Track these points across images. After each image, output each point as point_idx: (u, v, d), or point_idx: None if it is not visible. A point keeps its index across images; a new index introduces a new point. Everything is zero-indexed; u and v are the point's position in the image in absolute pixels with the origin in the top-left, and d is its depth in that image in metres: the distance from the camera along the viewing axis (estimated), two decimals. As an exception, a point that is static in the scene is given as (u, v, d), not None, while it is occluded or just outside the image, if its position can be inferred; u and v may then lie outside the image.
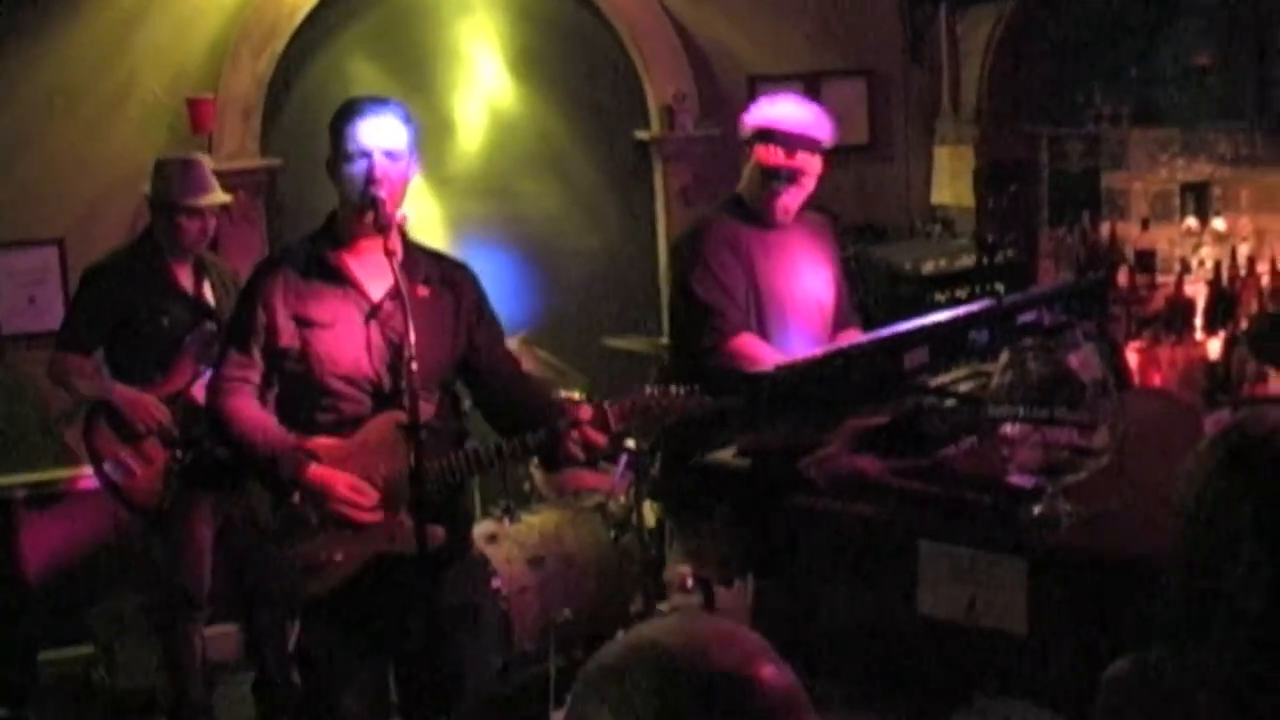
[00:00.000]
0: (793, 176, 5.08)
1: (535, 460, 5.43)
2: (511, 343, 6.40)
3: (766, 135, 5.08)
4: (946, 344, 4.18)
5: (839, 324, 5.35)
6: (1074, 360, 3.31)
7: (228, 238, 6.61)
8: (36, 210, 6.99)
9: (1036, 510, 3.28)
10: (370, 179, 3.98)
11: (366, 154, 4.00)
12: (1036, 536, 3.24)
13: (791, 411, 3.91)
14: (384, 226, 3.94)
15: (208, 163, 6.02)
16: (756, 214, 5.18)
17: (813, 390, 3.89)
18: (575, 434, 4.09)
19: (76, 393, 5.95)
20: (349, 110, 4.09)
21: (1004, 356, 3.37)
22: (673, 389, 4.26)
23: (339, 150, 4.04)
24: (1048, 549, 3.20)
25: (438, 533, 4.03)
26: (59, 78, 7.00)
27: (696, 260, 5.06)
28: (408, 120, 4.13)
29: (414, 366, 3.79)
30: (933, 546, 3.34)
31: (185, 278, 5.91)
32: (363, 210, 3.99)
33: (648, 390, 4.24)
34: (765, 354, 4.79)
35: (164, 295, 5.83)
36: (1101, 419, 3.26)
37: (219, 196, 5.95)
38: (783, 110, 5.15)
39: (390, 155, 4.04)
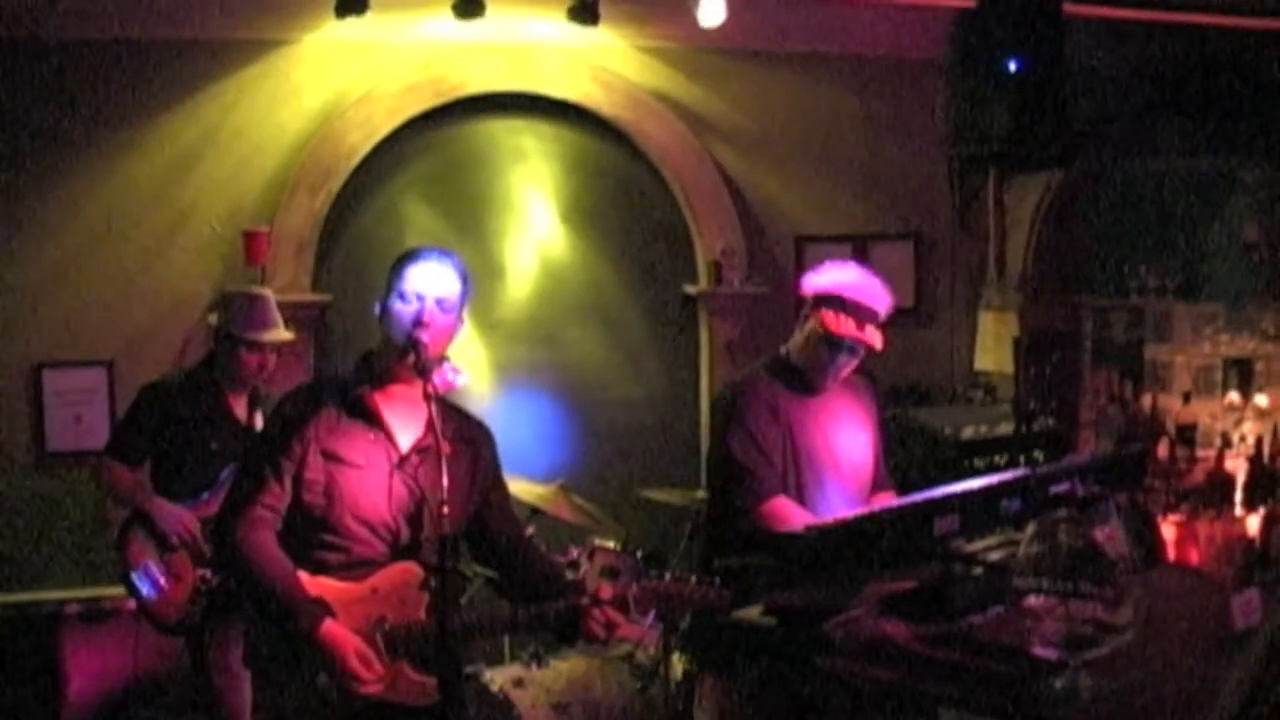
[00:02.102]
0: (856, 348, 5.07)
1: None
2: (549, 488, 6.46)
3: (837, 303, 4.99)
4: (978, 511, 4.15)
5: (876, 486, 5.34)
6: (1100, 535, 3.30)
7: (275, 370, 6.67)
8: (88, 332, 7.14)
9: (1058, 684, 3.26)
10: (418, 322, 4.02)
11: (420, 298, 4.05)
12: (1057, 710, 3.21)
13: (820, 572, 3.91)
14: (423, 370, 3.97)
15: (273, 299, 6.11)
16: (803, 376, 5.14)
17: (841, 552, 3.88)
18: (597, 613, 4.11)
19: (114, 499, 6.01)
20: (410, 254, 4.15)
21: (1031, 528, 3.37)
22: (694, 580, 4.26)
23: (393, 290, 4.08)
24: (1067, 724, 3.17)
25: (433, 687, 3.99)
26: (118, 204, 7.19)
27: (736, 421, 5.03)
28: (464, 277, 4.18)
29: (446, 511, 3.78)
30: (953, 715, 3.32)
31: (239, 407, 5.99)
32: (405, 352, 4.02)
33: (668, 578, 4.24)
34: (798, 518, 4.77)
35: (216, 421, 5.91)
36: (1125, 595, 3.25)
37: (282, 333, 6.05)
38: (852, 278, 5.07)
39: (440, 303, 4.08)
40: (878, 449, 5.36)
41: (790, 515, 4.82)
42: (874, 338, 5.04)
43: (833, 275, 5.09)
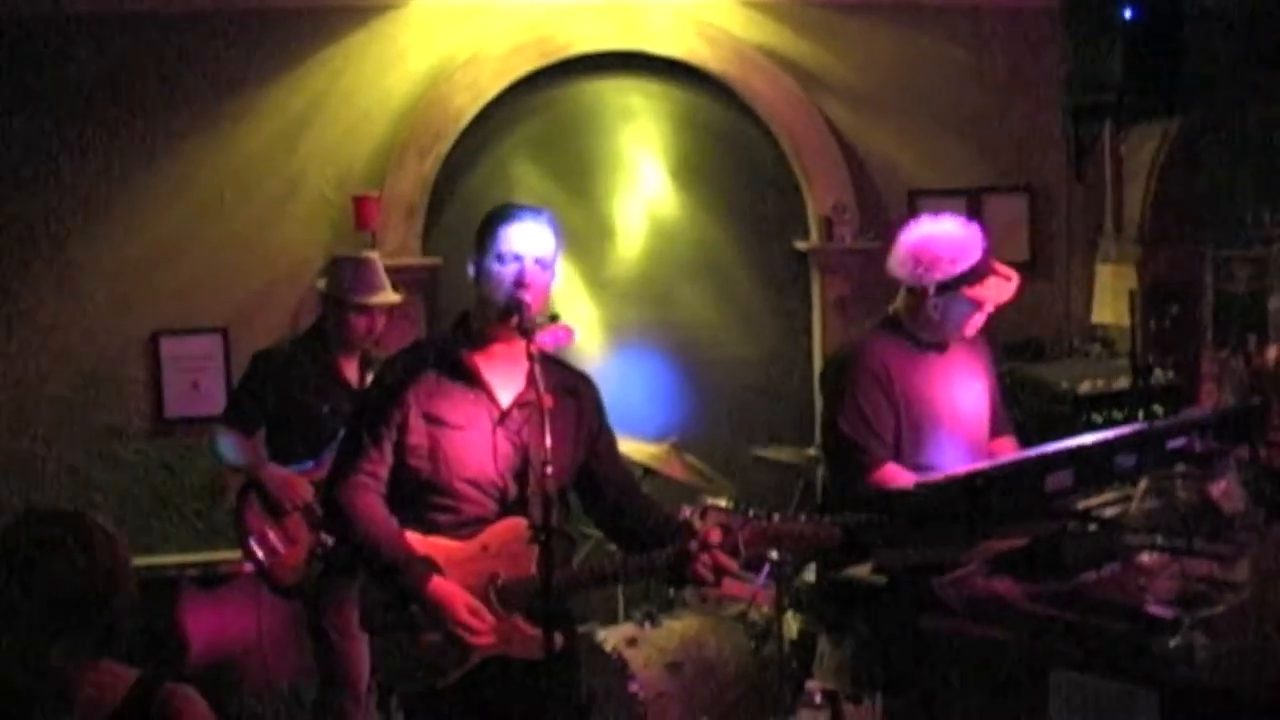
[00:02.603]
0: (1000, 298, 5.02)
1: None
2: (661, 447, 6.45)
3: (972, 277, 4.93)
4: (1092, 467, 4.10)
5: (994, 433, 5.27)
6: (1216, 491, 3.24)
7: (387, 333, 6.71)
8: (203, 299, 7.23)
9: (1172, 643, 3.20)
10: (520, 282, 4.01)
11: (518, 258, 4.04)
12: (1171, 670, 3.15)
13: (930, 530, 3.87)
14: (527, 330, 3.96)
15: (380, 262, 6.14)
16: (921, 336, 5.08)
17: (952, 509, 3.84)
18: (705, 556, 4.05)
19: (230, 466, 6.11)
20: (504, 214, 4.13)
21: (1144, 483, 3.31)
22: (803, 519, 4.21)
23: (489, 251, 4.07)
24: (1182, 683, 3.11)
25: (559, 639, 4.05)
26: (230, 173, 7.26)
27: (844, 396, 4.98)
28: (557, 231, 4.17)
29: (549, 470, 3.78)
30: (1064, 675, 3.28)
31: (350, 371, 6.03)
32: (507, 313, 4.01)
33: (778, 518, 4.19)
34: (908, 482, 4.73)
35: (328, 386, 5.95)
36: (1242, 552, 3.18)
37: (389, 296, 6.07)
38: (958, 243, 4.97)
39: (540, 262, 4.07)
40: (994, 396, 5.29)
41: (900, 481, 4.77)
42: (1012, 274, 4.99)
43: (939, 256, 4.96)
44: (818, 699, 4.03)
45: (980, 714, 3.50)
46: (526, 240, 4.06)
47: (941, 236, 5.00)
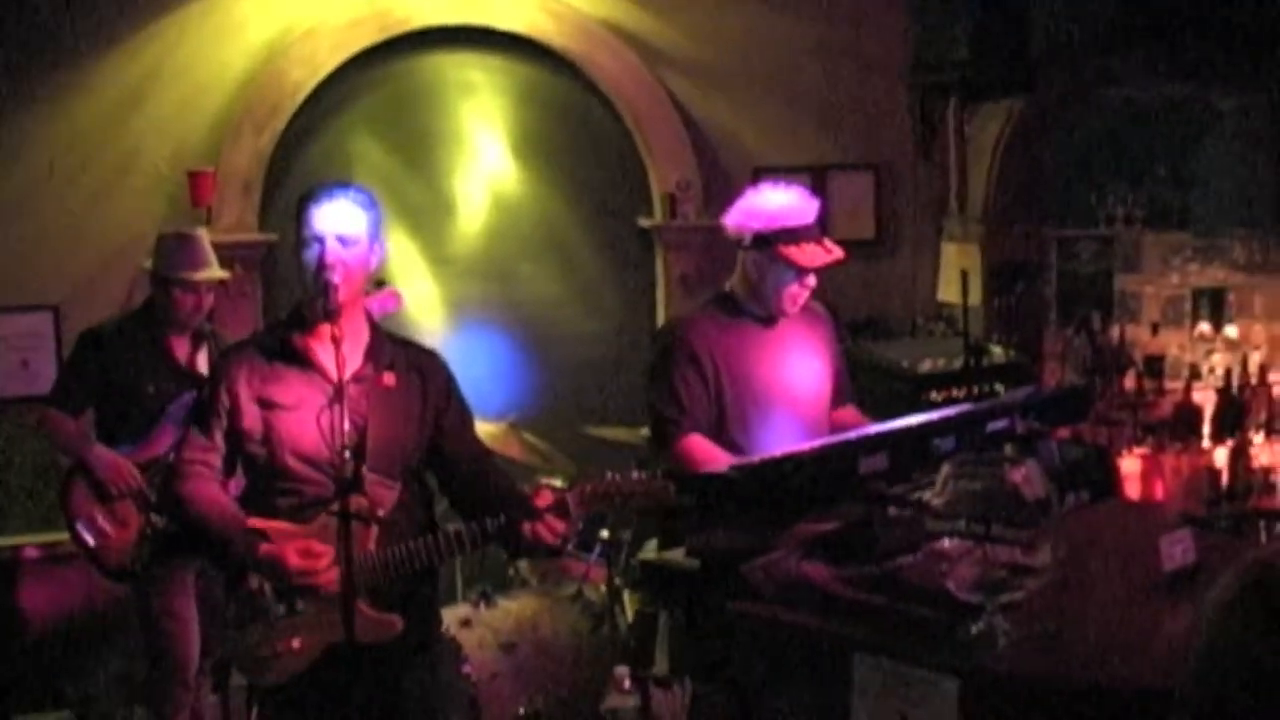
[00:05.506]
0: (823, 270, 4.98)
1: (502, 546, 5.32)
2: (500, 426, 6.39)
3: (790, 236, 4.88)
4: (908, 451, 4.07)
5: (837, 404, 5.24)
6: (1017, 475, 3.21)
7: (223, 310, 6.60)
8: (33, 276, 7.03)
9: (974, 629, 3.18)
10: (322, 264, 3.94)
11: (320, 239, 3.97)
12: (971, 656, 3.13)
13: (744, 512, 3.83)
14: (330, 313, 3.88)
15: (206, 238, 6.03)
16: (753, 311, 5.06)
17: (766, 492, 3.80)
18: (533, 521, 4.02)
19: (57, 447, 6.04)
20: (306, 196, 4.07)
21: (945, 469, 3.28)
22: (635, 474, 4.19)
23: (298, 236, 4.03)
24: (981, 670, 3.09)
25: (394, 622, 4.02)
26: (63, 147, 7.06)
27: (659, 372, 4.97)
28: (370, 206, 4.08)
29: (347, 456, 3.74)
30: (867, 660, 3.24)
31: (181, 349, 5.95)
32: (316, 295, 3.95)
33: (609, 476, 4.16)
34: (712, 455, 4.70)
35: (156, 365, 5.88)
36: (1043, 537, 3.15)
37: (215, 272, 5.98)
38: (786, 204, 4.96)
39: (343, 240, 3.99)
40: (837, 371, 5.26)
41: (704, 454, 4.74)
42: (836, 250, 4.95)
43: (765, 209, 4.96)
44: (626, 684, 4.00)
45: (789, 700, 3.47)
46: (327, 219, 4.00)
47: (775, 196, 4.99)
